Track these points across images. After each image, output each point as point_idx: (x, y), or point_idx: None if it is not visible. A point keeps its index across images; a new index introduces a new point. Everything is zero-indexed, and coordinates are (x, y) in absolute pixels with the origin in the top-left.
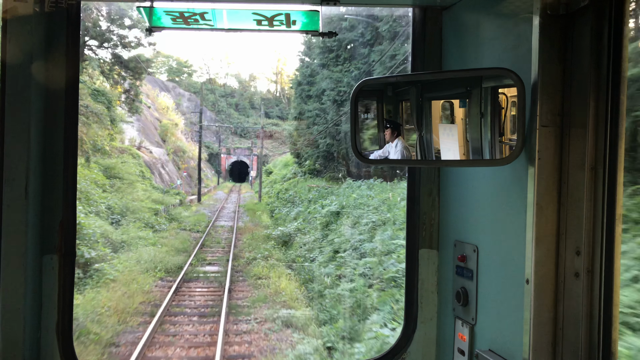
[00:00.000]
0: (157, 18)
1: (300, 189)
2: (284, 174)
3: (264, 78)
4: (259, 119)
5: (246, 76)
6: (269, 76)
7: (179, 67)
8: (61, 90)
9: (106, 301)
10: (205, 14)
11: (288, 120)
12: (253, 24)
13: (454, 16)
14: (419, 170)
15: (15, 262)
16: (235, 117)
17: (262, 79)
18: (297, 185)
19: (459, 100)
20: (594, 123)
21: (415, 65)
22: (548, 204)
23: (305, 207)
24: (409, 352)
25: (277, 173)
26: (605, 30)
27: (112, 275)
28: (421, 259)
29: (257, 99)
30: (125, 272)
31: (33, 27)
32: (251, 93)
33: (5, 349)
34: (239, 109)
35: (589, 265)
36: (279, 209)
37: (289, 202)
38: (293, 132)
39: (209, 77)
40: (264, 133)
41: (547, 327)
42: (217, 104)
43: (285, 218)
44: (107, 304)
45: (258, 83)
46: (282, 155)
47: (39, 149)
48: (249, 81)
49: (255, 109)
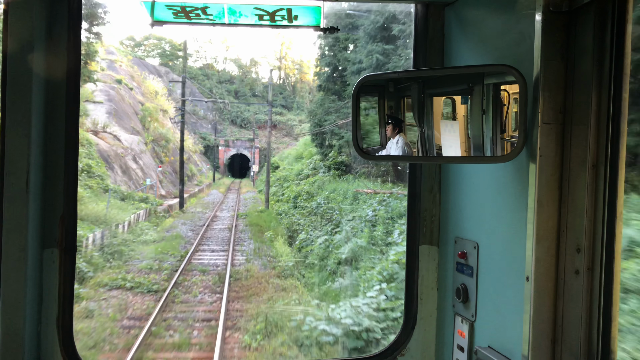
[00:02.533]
0: (160, 12)
1: (334, 193)
2: (299, 170)
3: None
4: (261, 108)
5: (247, 61)
6: (271, 61)
7: (172, 50)
8: (62, 82)
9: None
10: (206, 9)
11: (293, 110)
12: (254, 18)
13: (457, 12)
14: (420, 167)
15: (16, 256)
16: (235, 105)
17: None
18: (324, 186)
19: (460, 96)
20: (595, 120)
21: (418, 61)
22: (549, 201)
23: (366, 235)
24: (408, 349)
25: (287, 168)
26: (608, 28)
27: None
28: (421, 256)
29: (258, 85)
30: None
31: (34, 17)
32: (252, 79)
33: (5, 342)
34: (238, 97)
35: (589, 263)
36: (303, 229)
37: (319, 217)
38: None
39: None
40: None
41: (547, 324)
42: (215, 91)
43: (325, 260)
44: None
45: (260, 69)
46: (289, 148)
47: (39, 142)
48: (249, 66)
49: (256, 96)
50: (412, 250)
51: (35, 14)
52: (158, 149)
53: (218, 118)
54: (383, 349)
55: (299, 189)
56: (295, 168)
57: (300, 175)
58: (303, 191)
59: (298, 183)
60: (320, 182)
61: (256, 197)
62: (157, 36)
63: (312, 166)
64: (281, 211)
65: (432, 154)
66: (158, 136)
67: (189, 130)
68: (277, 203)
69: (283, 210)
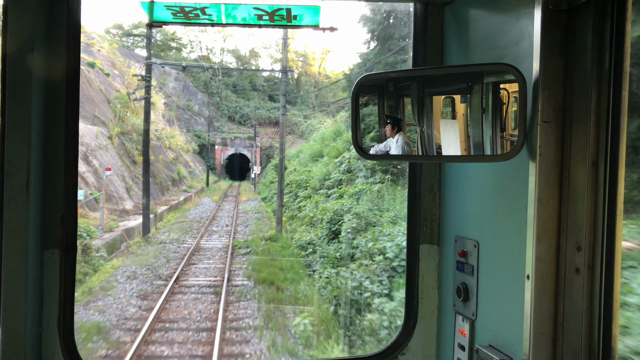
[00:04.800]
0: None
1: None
2: (324, 174)
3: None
4: (262, 102)
5: (246, 52)
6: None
7: (164, 40)
8: (62, 83)
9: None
10: (205, 9)
11: (297, 105)
12: (254, 18)
13: (456, 11)
14: (420, 166)
15: (16, 257)
16: (233, 100)
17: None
18: (381, 202)
19: (460, 95)
20: (595, 119)
21: (417, 60)
22: (549, 199)
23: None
24: (409, 348)
25: (299, 170)
26: (607, 25)
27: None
28: (422, 255)
29: (259, 78)
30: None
31: (33, 18)
32: (252, 72)
33: (6, 343)
34: (237, 91)
35: (589, 261)
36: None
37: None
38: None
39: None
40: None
41: (548, 322)
42: (210, 84)
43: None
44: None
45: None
46: (295, 146)
47: (39, 142)
48: (249, 57)
49: (257, 90)
50: (413, 250)
51: (34, 14)
52: (130, 144)
53: (214, 114)
54: (384, 348)
55: (335, 206)
56: (317, 171)
57: (328, 181)
58: (345, 210)
59: (327, 193)
60: (368, 192)
61: (260, 209)
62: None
63: (344, 167)
64: (305, 244)
65: (432, 153)
66: (131, 128)
67: (182, 127)
68: (292, 222)
69: (309, 243)
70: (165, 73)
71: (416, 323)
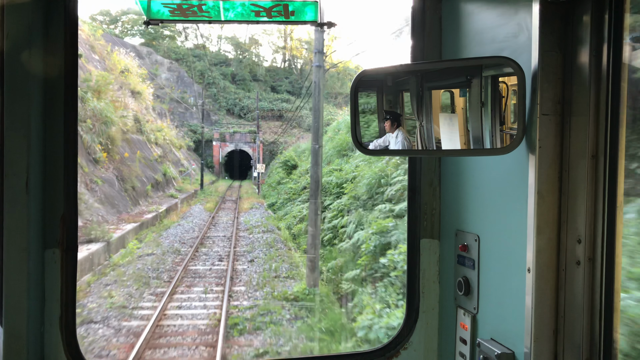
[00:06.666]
0: (156, 10)
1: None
2: (376, 178)
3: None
4: (264, 94)
5: (245, 39)
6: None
7: (156, 28)
8: (60, 82)
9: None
10: (202, 6)
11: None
12: (251, 15)
13: (454, 5)
14: (420, 161)
15: (17, 257)
16: (232, 91)
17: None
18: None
19: (459, 89)
20: (594, 111)
21: (415, 54)
22: (549, 192)
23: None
24: (411, 342)
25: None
26: (606, 18)
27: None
28: (422, 249)
29: (260, 68)
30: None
31: (30, 17)
32: (251, 61)
33: (9, 343)
34: (236, 81)
35: (590, 254)
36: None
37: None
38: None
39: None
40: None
41: (549, 315)
42: (207, 74)
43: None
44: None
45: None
46: (302, 141)
47: (39, 142)
48: (249, 45)
49: (258, 81)
50: (413, 244)
51: (31, 12)
52: (89, 135)
53: (212, 107)
54: (386, 343)
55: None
56: (365, 171)
57: (391, 189)
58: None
59: (391, 210)
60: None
61: (269, 224)
62: (136, 10)
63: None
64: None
65: (432, 148)
66: (90, 114)
67: (177, 121)
68: (328, 255)
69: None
70: (157, 62)
71: (418, 317)
